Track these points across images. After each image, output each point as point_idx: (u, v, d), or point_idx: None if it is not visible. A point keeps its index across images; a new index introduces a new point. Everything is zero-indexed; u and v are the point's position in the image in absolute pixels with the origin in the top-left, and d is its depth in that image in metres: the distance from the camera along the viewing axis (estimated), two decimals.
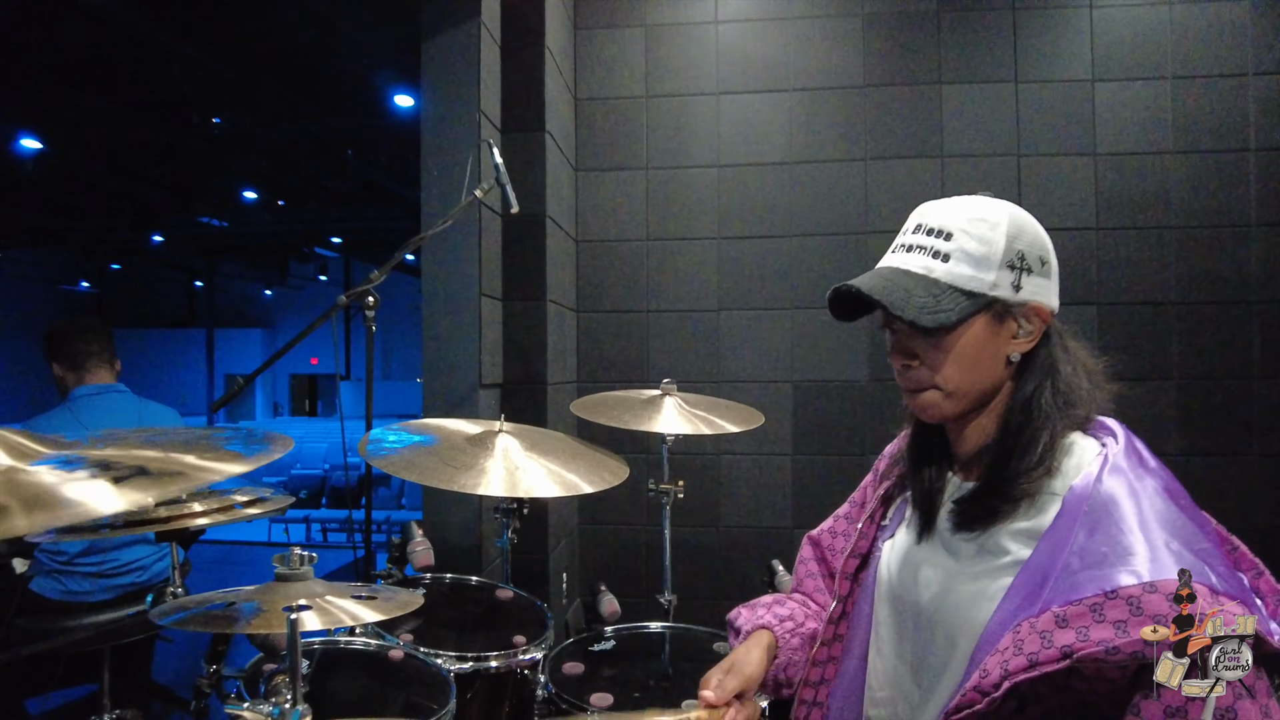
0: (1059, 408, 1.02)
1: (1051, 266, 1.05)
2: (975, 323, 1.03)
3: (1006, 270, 1.02)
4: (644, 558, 3.62)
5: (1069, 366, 1.05)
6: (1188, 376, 3.39)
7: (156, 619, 1.31)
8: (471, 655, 1.79)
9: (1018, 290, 1.03)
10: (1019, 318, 1.04)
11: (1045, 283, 1.05)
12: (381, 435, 2.02)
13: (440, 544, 2.32)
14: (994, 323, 1.04)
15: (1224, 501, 3.33)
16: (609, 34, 3.69)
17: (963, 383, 1.05)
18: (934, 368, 1.05)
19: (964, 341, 1.03)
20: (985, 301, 1.02)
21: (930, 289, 1.03)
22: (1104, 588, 0.87)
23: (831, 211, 3.56)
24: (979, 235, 1.03)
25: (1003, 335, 1.04)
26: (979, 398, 1.07)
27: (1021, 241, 1.03)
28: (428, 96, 2.80)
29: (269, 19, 6.82)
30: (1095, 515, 0.92)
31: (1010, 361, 1.05)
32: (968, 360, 1.04)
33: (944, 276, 1.03)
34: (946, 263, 1.04)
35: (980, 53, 3.51)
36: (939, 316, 1.01)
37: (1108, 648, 0.84)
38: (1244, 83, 3.38)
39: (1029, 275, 1.03)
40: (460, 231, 2.70)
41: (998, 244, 1.02)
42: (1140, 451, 1.00)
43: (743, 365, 3.59)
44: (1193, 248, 3.40)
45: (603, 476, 2.03)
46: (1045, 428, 1.02)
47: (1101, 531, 0.91)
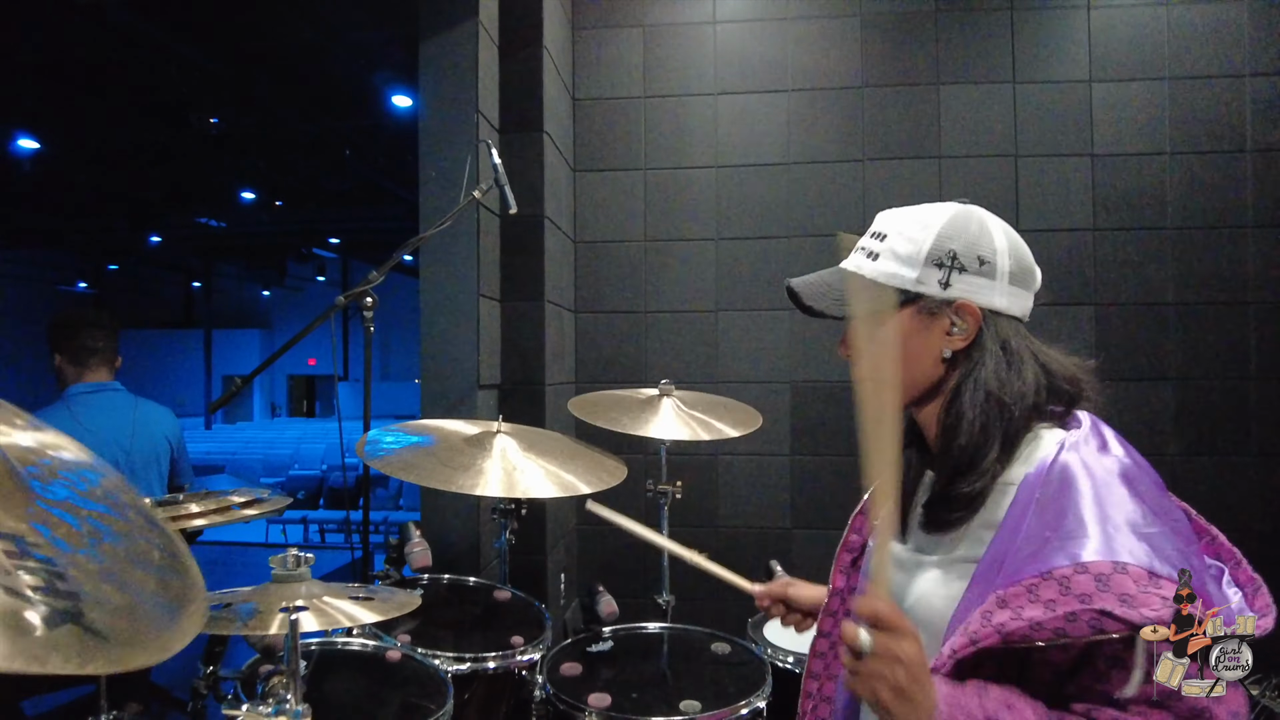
0: (985, 404, 1.03)
1: (996, 267, 1.06)
2: (899, 316, 1.08)
3: (933, 268, 1.06)
4: (642, 558, 3.62)
5: (1001, 364, 1.05)
6: (1185, 377, 3.40)
7: None
8: (469, 656, 1.79)
9: (945, 287, 1.06)
10: (950, 315, 1.06)
11: (984, 282, 1.06)
12: (379, 436, 2.02)
13: (438, 545, 2.32)
14: (922, 317, 1.08)
15: (1222, 501, 3.34)
16: (607, 34, 3.69)
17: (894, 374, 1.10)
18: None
19: (890, 333, 1.09)
20: (907, 296, 1.07)
21: (854, 286, 1.12)
22: (1040, 569, 0.89)
23: (829, 212, 3.56)
24: (909, 235, 1.08)
25: (934, 331, 1.07)
26: (918, 389, 1.11)
27: (957, 241, 1.06)
28: (426, 97, 2.80)
29: (267, 19, 6.82)
30: (1045, 500, 0.94)
31: (944, 358, 1.08)
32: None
33: (870, 273, 1.11)
34: (875, 261, 1.11)
35: (978, 53, 3.51)
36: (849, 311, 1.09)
37: (1033, 624, 0.87)
38: (1241, 83, 3.39)
39: (961, 274, 1.06)
40: (458, 232, 2.70)
41: (925, 243, 1.07)
42: (1104, 437, 1.01)
43: (741, 366, 3.59)
44: (1190, 248, 3.41)
45: (600, 477, 2.03)
46: (974, 424, 1.03)
47: (1050, 515, 0.93)
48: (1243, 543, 1.01)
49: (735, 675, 1.91)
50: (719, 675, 1.93)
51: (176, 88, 8.11)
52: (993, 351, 1.05)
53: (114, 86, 8.48)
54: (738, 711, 1.72)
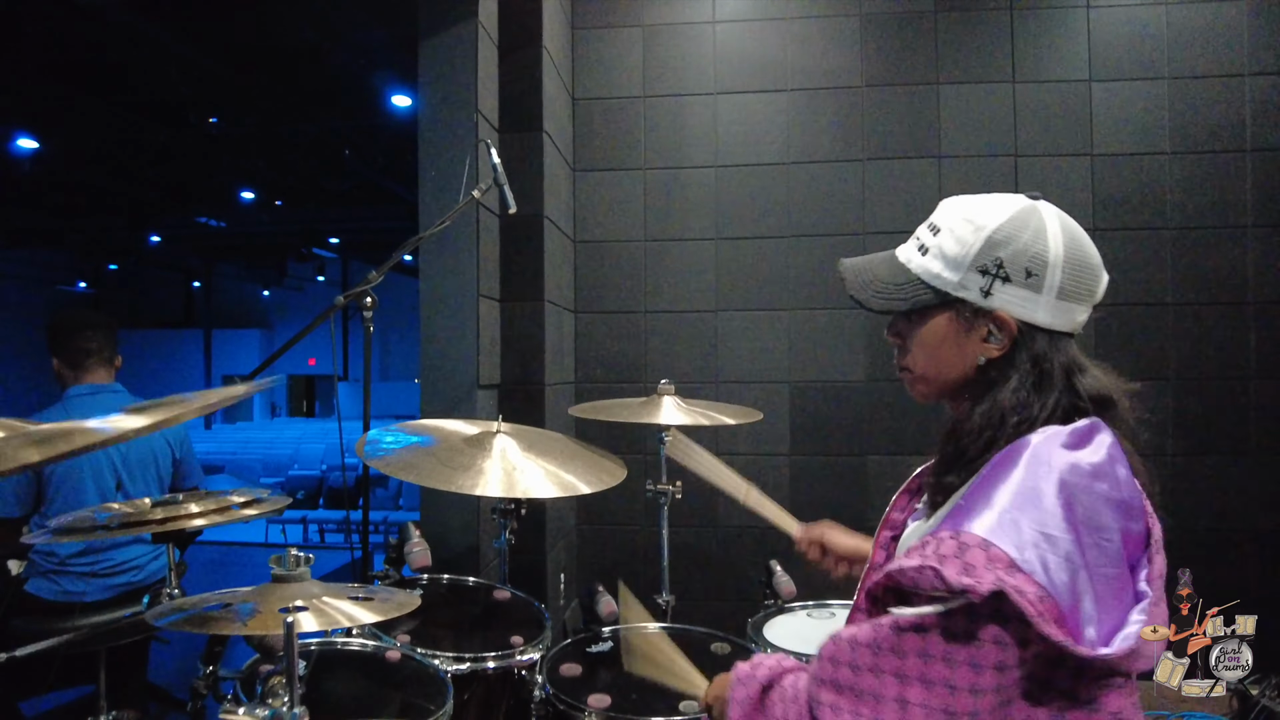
0: (996, 422, 1.02)
1: (1043, 281, 1.02)
2: (938, 317, 1.08)
3: (976, 274, 1.04)
4: (642, 558, 3.62)
5: (1026, 384, 1.03)
6: (1184, 377, 3.39)
7: (153, 620, 1.31)
8: (469, 656, 1.79)
9: (986, 296, 1.04)
10: (989, 324, 1.05)
11: (1027, 295, 1.03)
12: (379, 436, 2.02)
13: (437, 545, 2.31)
14: (960, 322, 1.06)
15: (1221, 501, 3.34)
16: (606, 34, 3.69)
17: (927, 370, 1.11)
18: (907, 349, 1.13)
19: (927, 332, 1.09)
20: (947, 299, 1.06)
21: (898, 276, 1.10)
22: (937, 530, 0.93)
23: (829, 212, 3.56)
24: (959, 235, 1.05)
25: (973, 337, 1.06)
26: (949, 388, 1.11)
27: (1007, 249, 1.03)
28: (425, 97, 2.80)
29: (266, 19, 6.81)
30: (991, 473, 0.96)
31: (979, 364, 1.07)
32: (928, 351, 1.10)
33: (915, 268, 1.09)
34: (924, 256, 1.09)
35: (977, 53, 3.51)
36: (889, 303, 1.09)
37: (897, 569, 0.92)
38: (1240, 83, 3.39)
39: (1004, 284, 1.03)
40: (458, 232, 2.70)
41: (973, 247, 1.04)
42: (1091, 440, 0.98)
43: (740, 366, 3.59)
44: (1189, 248, 3.41)
45: (600, 477, 2.02)
46: (979, 437, 1.03)
47: (980, 488, 0.95)
48: (1242, 542, 1.01)
49: None
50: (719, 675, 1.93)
51: (176, 87, 8.10)
52: (1021, 369, 1.03)
53: (113, 86, 8.47)
54: None
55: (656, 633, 1.36)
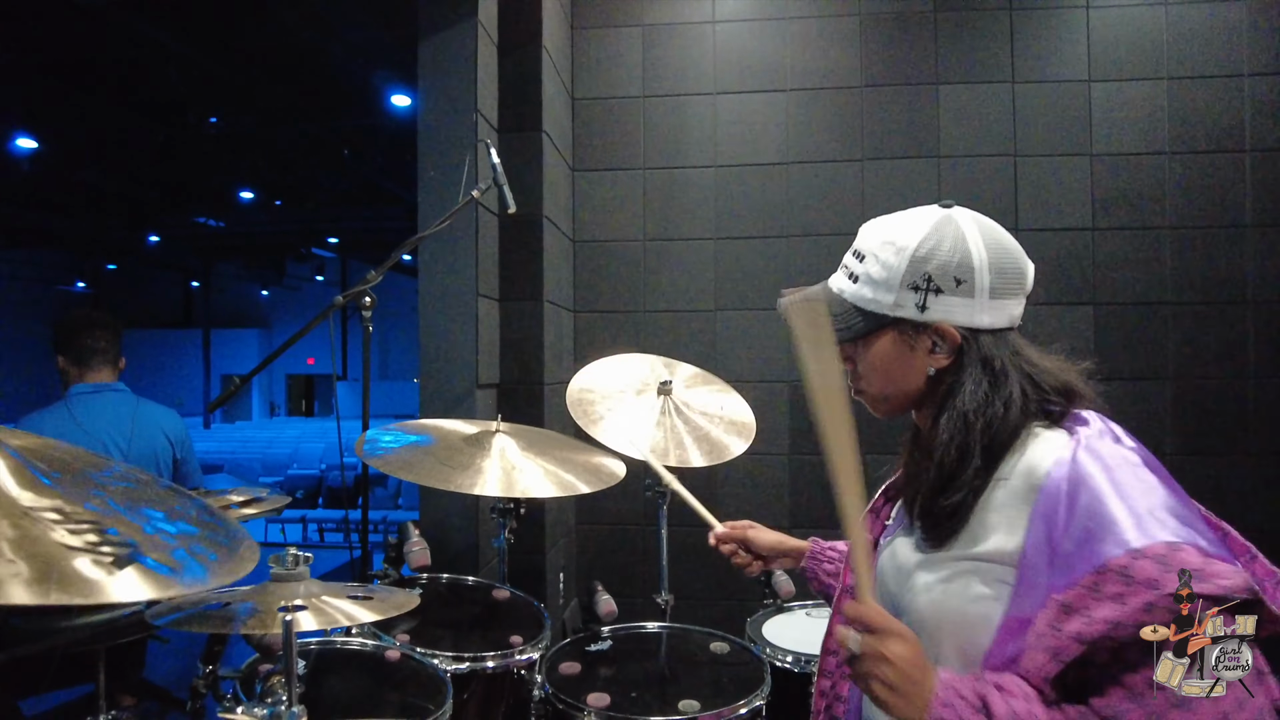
0: (960, 427, 1.04)
1: (974, 285, 1.05)
2: (882, 339, 1.11)
3: (909, 291, 1.06)
4: (641, 558, 3.62)
5: (981, 385, 1.05)
6: (1183, 376, 3.40)
7: (153, 619, 1.31)
8: (468, 655, 1.79)
9: (923, 310, 1.06)
10: (932, 335, 1.07)
11: (961, 302, 1.05)
12: (378, 435, 2.02)
13: (437, 544, 2.31)
14: (904, 339, 1.09)
15: (1220, 501, 3.33)
16: (606, 34, 3.69)
17: (883, 389, 1.14)
18: (859, 372, 1.15)
19: (874, 354, 1.12)
20: (885, 320, 1.09)
21: (835, 307, 1.13)
22: (1093, 565, 0.87)
23: (828, 212, 3.56)
24: (883, 260, 1.08)
25: (918, 351, 1.09)
26: (907, 401, 1.14)
27: (932, 264, 1.05)
28: (425, 96, 2.80)
29: (266, 19, 6.81)
30: (1074, 493, 0.93)
31: (929, 375, 1.10)
32: (880, 372, 1.13)
33: (850, 297, 1.12)
34: (855, 284, 1.12)
35: (977, 53, 3.51)
36: (835, 333, 1.08)
37: (1111, 624, 0.84)
38: (1240, 83, 3.39)
39: (938, 295, 1.06)
40: (457, 232, 2.70)
41: (899, 268, 1.07)
42: (1115, 431, 1.01)
43: (739, 365, 3.59)
44: (1188, 248, 3.41)
45: (599, 476, 2.03)
46: (950, 447, 1.04)
47: (1083, 507, 0.92)
48: None
49: (734, 675, 1.91)
50: (718, 675, 1.93)
51: (175, 87, 8.10)
52: (972, 373, 1.06)
53: (112, 85, 8.47)
54: (736, 711, 1.72)
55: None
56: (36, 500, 0.69)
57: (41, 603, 0.58)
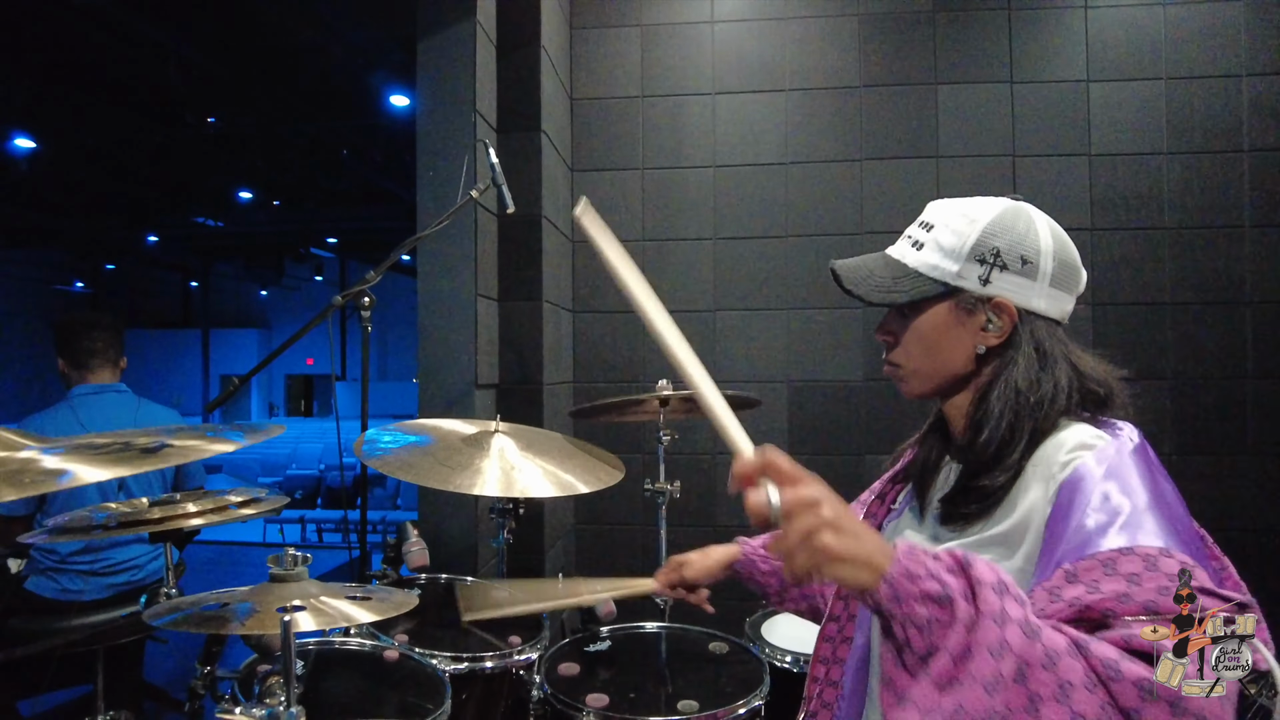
0: (1014, 402, 1.04)
1: (1038, 269, 1.07)
2: (937, 308, 1.09)
3: (974, 263, 1.07)
4: (639, 558, 3.62)
5: (1033, 365, 1.06)
6: (1182, 376, 3.40)
7: (150, 620, 1.31)
8: (467, 656, 1.79)
9: (985, 284, 1.07)
10: (988, 311, 1.07)
11: (1024, 282, 1.07)
12: (377, 436, 2.02)
13: (436, 544, 2.31)
14: (959, 312, 1.08)
15: (1217, 500, 3.34)
16: (605, 34, 3.69)
17: (923, 364, 1.12)
18: (902, 345, 1.13)
19: (925, 324, 1.10)
20: (946, 289, 1.08)
21: (895, 272, 1.11)
22: (1118, 545, 0.87)
23: (827, 212, 3.56)
24: (955, 228, 1.08)
25: (970, 326, 1.08)
26: (945, 381, 1.12)
27: (1002, 239, 1.06)
28: (423, 96, 2.80)
29: (264, 18, 6.81)
30: (1110, 478, 0.93)
31: (978, 353, 1.09)
32: (928, 343, 1.10)
33: (912, 262, 1.10)
34: (920, 250, 1.10)
35: (976, 53, 3.51)
36: (890, 296, 1.09)
37: (1118, 596, 0.83)
38: (1238, 83, 3.39)
39: (1002, 272, 1.06)
40: (456, 232, 2.70)
41: (970, 237, 1.07)
42: (1148, 448, 1.02)
43: (738, 365, 3.59)
44: (1187, 248, 3.41)
45: (598, 477, 2.02)
46: (1000, 421, 1.04)
47: (1118, 492, 0.92)
48: (1239, 541, 1.02)
49: (733, 675, 1.91)
50: (717, 675, 1.93)
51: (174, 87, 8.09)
52: (1026, 352, 1.06)
53: (111, 85, 8.46)
54: (735, 711, 1.72)
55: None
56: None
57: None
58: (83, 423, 2.79)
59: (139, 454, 0.86)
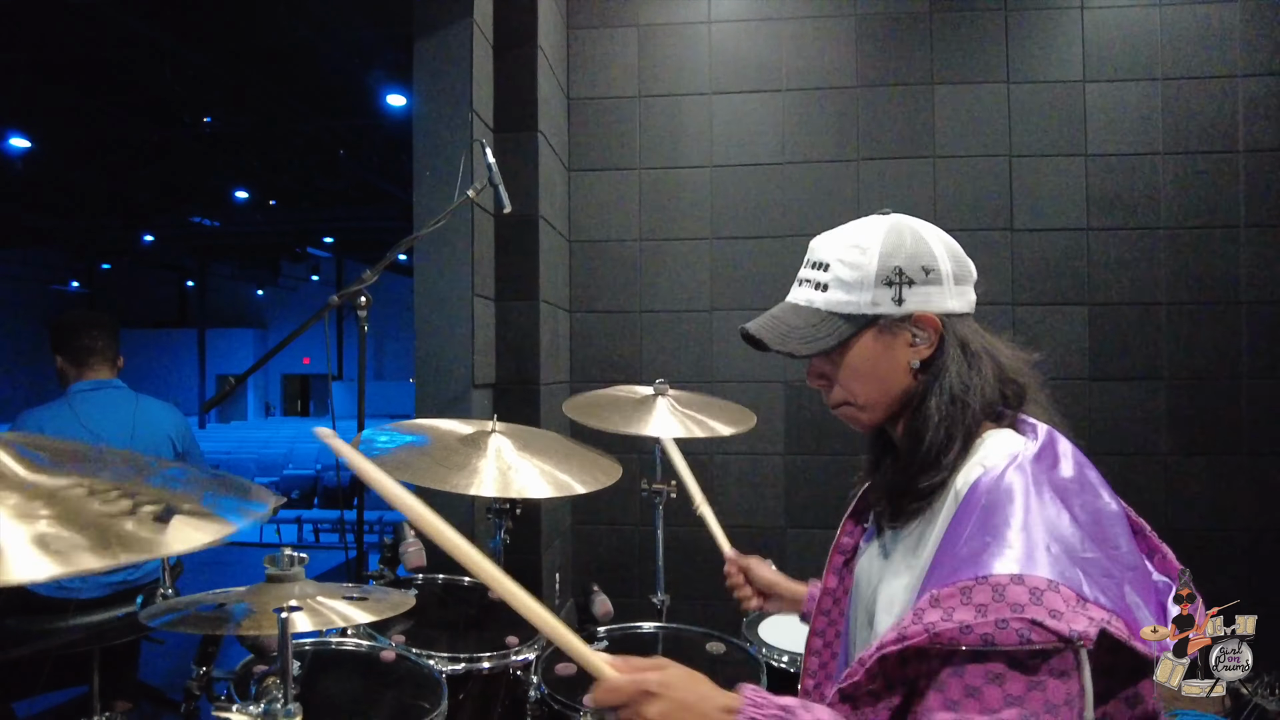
0: (950, 408, 1.06)
1: (941, 272, 1.09)
2: (863, 341, 1.10)
3: (884, 288, 1.08)
4: (637, 558, 3.62)
5: (964, 366, 1.07)
6: (1178, 376, 3.40)
7: (146, 620, 1.30)
8: (464, 656, 1.78)
9: (900, 304, 1.08)
10: (911, 328, 1.09)
11: (934, 289, 1.08)
12: (374, 436, 2.02)
13: (432, 545, 2.31)
14: (884, 337, 1.10)
15: (1214, 500, 3.35)
16: (601, 34, 3.68)
17: (871, 395, 1.12)
18: (843, 386, 1.13)
19: (856, 358, 1.11)
20: (866, 320, 1.09)
21: (810, 319, 1.11)
22: (977, 573, 0.90)
23: (824, 212, 3.56)
24: (851, 261, 1.09)
25: (898, 346, 1.10)
26: (893, 405, 1.13)
27: (898, 258, 1.08)
28: (420, 96, 2.79)
29: (261, 18, 6.80)
30: (989, 508, 0.95)
31: (913, 368, 1.10)
32: (866, 375, 1.11)
33: (823, 305, 1.11)
34: (825, 292, 1.11)
35: (972, 54, 3.52)
36: (817, 345, 1.10)
37: (962, 626, 0.87)
38: (1233, 84, 3.40)
39: (911, 287, 1.08)
40: (453, 231, 2.69)
41: (870, 267, 1.08)
42: (1057, 454, 1.03)
43: (735, 365, 3.59)
44: (1182, 248, 3.42)
45: (595, 477, 2.02)
46: (939, 428, 1.05)
47: (991, 523, 0.94)
48: (1235, 541, 1.01)
49: (730, 674, 1.91)
50: (714, 674, 1.92)
51: (170, 86, 8.08)
52: (954, 355, 1.08)
53: (107, 85, 8.45)
54: None
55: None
56: (54, 481, 0.70)
57: (113, 564, 0.61)
58: (82, 420, 2.80)
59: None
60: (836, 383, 1.14)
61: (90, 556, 0.60)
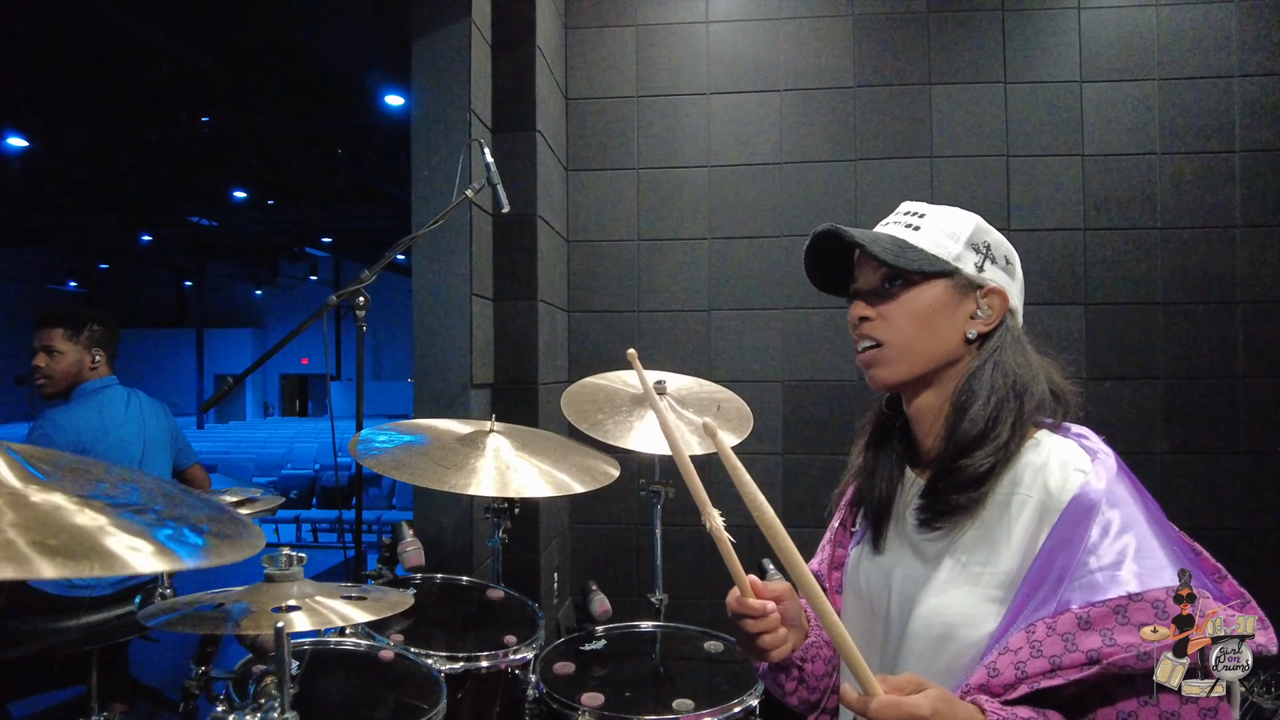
0: (1004, 387, 1.04)
1: (1016, 270, 1.13)
2: (935, 285, 1.08)
3: (972, 250, 1.09)
4: (635, 557, 3.62)
5: (1019, 356, 1.08)
6: (1174, 376, 3.41)
7: (145, 620, 1.30)
8: (462, 655, 1.79)
9: (980, 270, 1.09)
10: (979, 298, 1.09)
11: (1009, 280, 1.11)
12: (372, 435, 2.02)
13: (431, 544, 2.31)
14: (954, 293, 1.09)
15: (1210, 500, 3.35)
16: (600, 33, 3.69)
17: (916, 343, 1.08)
18: (893, 324, 1.09)
19: (922, 299, 1.08)
20: (947, 268, 1.08)
21: (901, 244, 1.10)
22: (1129, 589, 0.87)
23: (821, 212, 3.57)
24: (949, 216, 1.12)
25: (962, 309, 1.09)
26: (928, 365, 1.09)
27: (989, 236, 1.11)
28: (418, 95, 2.79)
29: (259, 17, 6.79)
30: (1111, 516, 0.93)
31: (968, 340, 1.09)
32: (921, 319, 1.08)
33: (915, 240, 1.10)
34: (918, 232, 1.11)
35: (970, 54, 3.52)
36: (902, 259, 1.07)
37: (1139, 653, 0.84)
38: (1230, 84, 3.40)
39: (993, 264, 1.10)
40: (451, 231, 2.69)
41: (964, 230, 1.10)
42: (1124, 468, 1.02)
43: (733, 365, 3.59)
44: (1179, 248, 3.42)
45: (594, 476, 2.02)
46: (990, 403, 1.04)
47: (1123, 525, 0.92)
48: (1232, 541, 1.02)
49: (728, 674, 1.91)
50: (712, 674, 1.94)
51: (168, 86, 8.07)
52: (1010, 341, 1.09)
53: (105, 84, 8.44)
54: (730, 710, 1.72)
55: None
56: (41, 493, 0.71)
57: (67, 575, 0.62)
58: (102, 416, 2.93)
59: None
60: (886, 319, 1.09)
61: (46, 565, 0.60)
